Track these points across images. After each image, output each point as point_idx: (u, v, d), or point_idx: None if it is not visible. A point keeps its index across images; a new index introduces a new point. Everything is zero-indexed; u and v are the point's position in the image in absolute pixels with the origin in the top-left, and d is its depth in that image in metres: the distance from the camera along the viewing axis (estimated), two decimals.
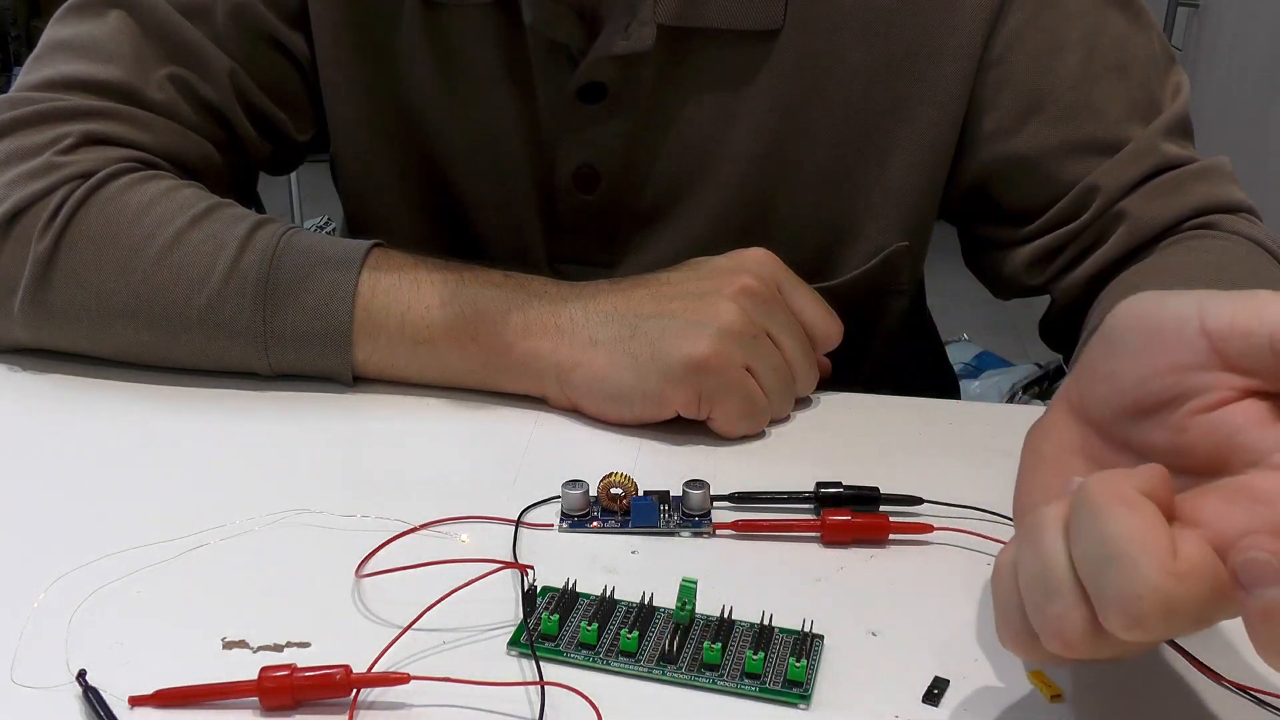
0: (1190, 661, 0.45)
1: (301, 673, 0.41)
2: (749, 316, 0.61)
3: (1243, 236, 0.68)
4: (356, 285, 0.62)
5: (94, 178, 0.65)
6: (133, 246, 0.63)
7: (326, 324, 0.62)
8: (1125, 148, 0.70)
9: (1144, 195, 0.70)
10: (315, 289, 0.62)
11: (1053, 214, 0.72)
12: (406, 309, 0.62)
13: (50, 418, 0.61)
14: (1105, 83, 0.71)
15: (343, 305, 0.62)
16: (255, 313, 0.62)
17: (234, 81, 0.71)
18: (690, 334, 0.60)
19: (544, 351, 0.62)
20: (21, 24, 3.85)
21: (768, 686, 0.43)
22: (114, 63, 0.68)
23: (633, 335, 0.61)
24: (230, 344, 0.63)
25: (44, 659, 0.43)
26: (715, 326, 0.60)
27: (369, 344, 0.63)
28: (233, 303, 0.62)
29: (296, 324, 0.62)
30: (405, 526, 0.51)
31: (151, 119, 0.69)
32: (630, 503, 0.53)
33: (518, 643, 0.44)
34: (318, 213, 3.29)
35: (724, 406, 0.60)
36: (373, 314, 0.62)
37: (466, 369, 0.63)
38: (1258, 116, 2.52)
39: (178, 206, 0.64)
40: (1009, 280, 0.76)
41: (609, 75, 0.70)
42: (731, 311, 0.60)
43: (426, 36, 0.73)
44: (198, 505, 0.53)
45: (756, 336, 0.61)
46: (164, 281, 0.63)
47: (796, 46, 0.70)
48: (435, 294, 0.63)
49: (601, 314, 0.62)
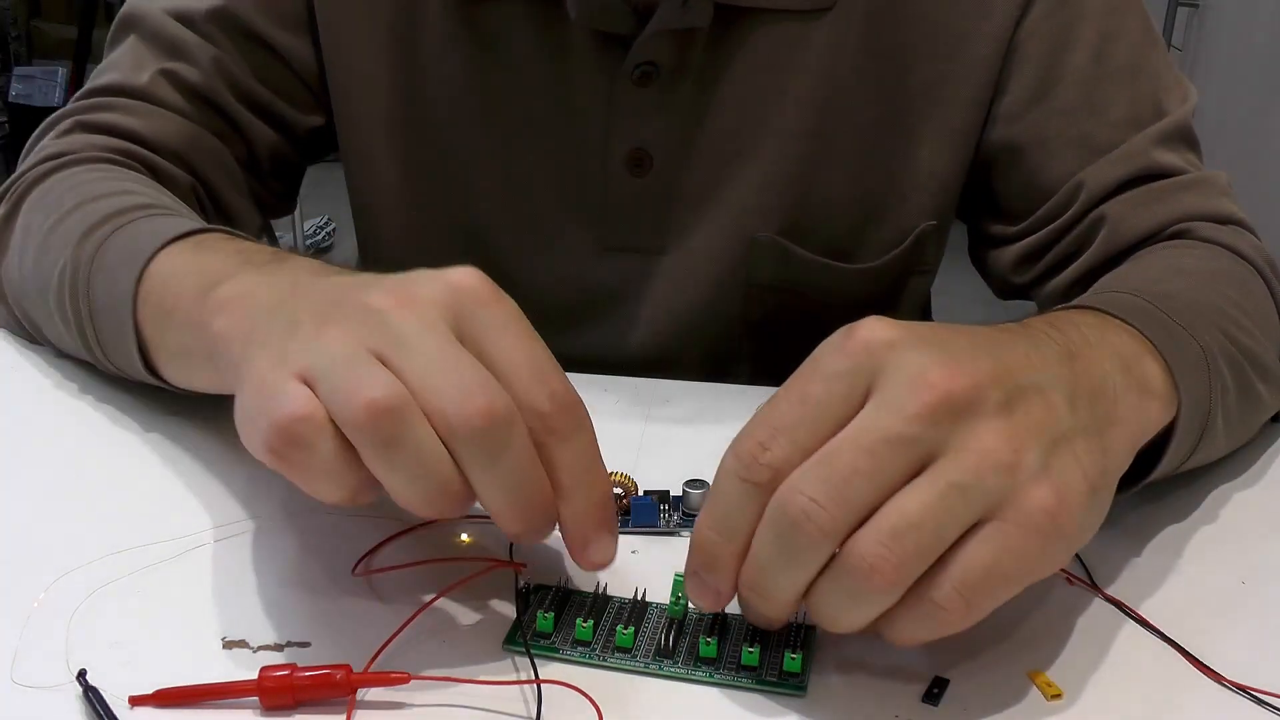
0: (1190, 661, 0.45)
1: (301, 672, 0.41)
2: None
3: (1216, 243, 0.68)
4: (148, 262, 0.56)
5: (64, 157, 0.69)
6: (45, 215, 0.64)
7: (113, 297, 0.57)
8: (1116, 149, 0.70)
9: (1127, 202, 0.70)
10: (111, 264, 0.58)
11: (1041, 212, 0.73)
12: (169, 279, 0.54)
13: (50, 417, 0.61)
14: (1112, 84, 0.71)
15: (128, 275, 0.56)
16: (75, 299, 0.60)
17: (219, 67, 0.73)
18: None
19: (224, 331, 0.48)
20: (22, 24, 3.84)
21: (764, 679, 0.43)
22: (115, 70, 0.74)
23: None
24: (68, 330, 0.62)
25: (44, 659, 0.43)
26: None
27: (142, 309, 0.55)
28: (63, 294, 0.61)
29: (105, 296, 0.57)
30: (404, 526, 0.51)
31: (139, 105, 0.73)
32: (630, 503, 0.53)
33: (513, 641, 0.44)
34: (318, 212, 3.29)
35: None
36: (151, 280, 0.55)
37: (204, 352, 0.50)
38: (1258, 116, 2.52)
39: (88, 190, 0.64)
40: (1001, 278, 0.78)
41: (663, 55, 0.71)
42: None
43: (461, 28, 0.73)
44: (198, 505, 0.53)
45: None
46: (42, 263, 0.63)
47: (841, 26, 0.71)
48: (199, 264, 0.54)
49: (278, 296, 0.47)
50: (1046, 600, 0.49)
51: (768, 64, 0.72)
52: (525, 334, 0.43)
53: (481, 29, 0.73)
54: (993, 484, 0.39)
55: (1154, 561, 0.52)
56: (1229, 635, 0.48)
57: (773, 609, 0.42)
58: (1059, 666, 0.45)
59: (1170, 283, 0.61)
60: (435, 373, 0.40)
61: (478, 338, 0.42)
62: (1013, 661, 0.45)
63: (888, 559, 0.38)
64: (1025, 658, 0.45)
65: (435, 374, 0.40)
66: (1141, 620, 0.48)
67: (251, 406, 0.42)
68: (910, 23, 0.72)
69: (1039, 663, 0.45)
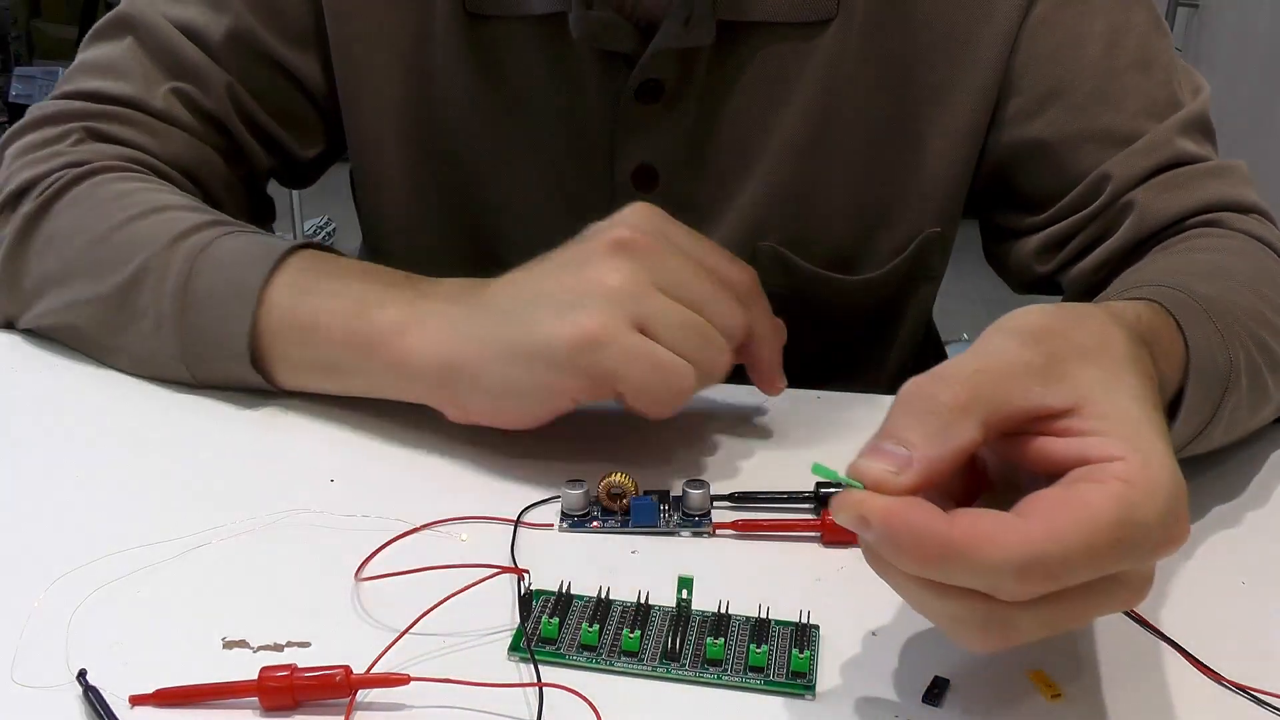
0: (1190, 661, 0.45)
1: (302, 673, 0.41)
2: (628, 274, 0.53)
3: (1249, 235, 0.68)
4: (270, 273, 0.60)
5: (87, 165, 0.68)
6: (101, 217, 0.65)
7: (233, 287, 0.60)
8: (1140, 140, 0.70)
9: (1154, 188, 0.70)
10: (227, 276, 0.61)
11: (1065, 202, 0.73)
12: (302, 293, 0.59)
13: (50, 417, 0.61)
14: (1126, 76, 0.71)
15: (249, 282, 0.60)
16: (171, 300, 0.61)
17: (231, 94, 0.73)
18: (565, 311, 0.53)
19: (416, 350, 0.56)
20: (22, 24, 3.85)
21: (772, 679, 0.43)
22: (123, 79, 0.73)
23: (509, 322, 0.54)
24: (139, 327, 0.62)
25: (44, 659, 0.43)
26: (592, 296, 0.53)
27: (264, 316, 0.59)
28: (150, 292, 0.62)
29: (212, 288, 0.60)
30: (405, 526, 0.51)
31: (154, 124, 0.72)
32: (630, 503, 0.53)
33: (518, 648, 0.44)
34: (318, 213, 3.29)
35: (630, 382, 0.53)
36: (275, 290, 0.60)
37: (350, 365, 0.59)
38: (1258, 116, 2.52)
39: (149, 198, 0.66)
40: (1021, 269, 0.77)
41: (667, 72, 0.71)
42: (608, 275, 0.53)
43: (468, 49, 0.73)
44: (198, 505, 0.53)
45: (643, 293, 0.53)
46: (104, 254, 0.64)
47: (842, 36, 0.71)
48: (331, 284, 0.60)
49: (482, 306, 0.56)
50: None
51: (771, 76, 0.72)
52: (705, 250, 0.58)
53: (488, 48, 0.73)
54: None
55: None
56: (1229, 635, 0.48)
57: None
58: (1059, 666, 0.45)
59: (1212, 282, 0.60)
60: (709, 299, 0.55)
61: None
62: (1013, 661, 0.45)
63: None
64: (1025, 658, 0.45)
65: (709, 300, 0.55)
66: (1141, 620, 0.48)
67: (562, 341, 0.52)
68: (911, 29, 0.71)
69: (1039, 663, 0.45)
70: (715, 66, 0.71)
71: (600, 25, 0.69)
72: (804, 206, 0.75)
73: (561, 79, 0.73)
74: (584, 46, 0.71)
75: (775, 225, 0.75)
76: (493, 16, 0.72)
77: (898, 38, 0.72)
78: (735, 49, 0.71)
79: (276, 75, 0.75)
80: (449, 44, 0.73)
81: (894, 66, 0.72)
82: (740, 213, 0.75)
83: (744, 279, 0.58)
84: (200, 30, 0.73)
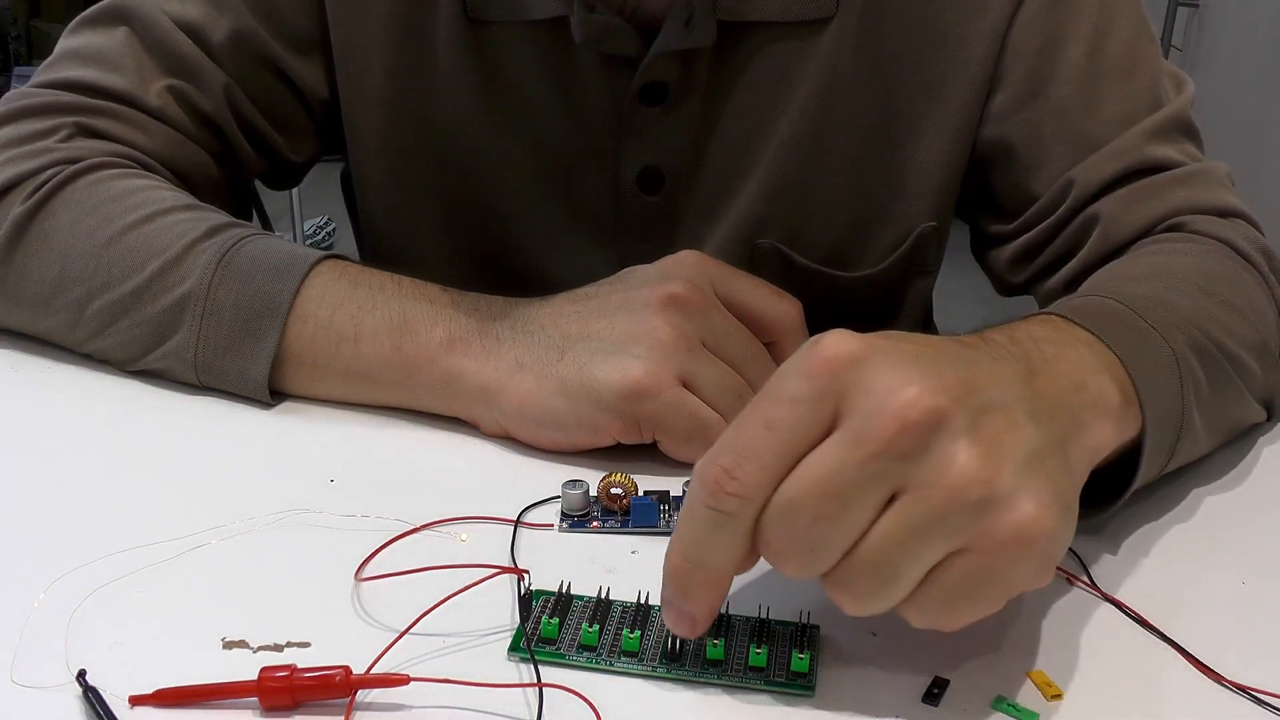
0: (1190, 661, 0.45)
1: (301, 673, 0.41)
2: (680, 330, 0.57)
3: (1210, 237, 0.68)
4: (303, 278, 0.61)
5: (82, 163, 0.67)
6: (105, 219, 0.64)
7: (263, 302, 0.60)
8: (1108, 145, 0.70)
9: (1120, 199, 0.70)
10: (260, 273, 0.61)
11: (1034, 209, 0.73)
12: (338, 305, 0.60)
13: (50, 417, 0.61)
14: (1107, 81, 0.71)
15: (286, 286, 0.60)
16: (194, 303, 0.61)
17: (229, 96, 0.73)
18: (618, 359, 0.56)
19: (467, 371, 0.59)
20: (21, 24, 3.85)
21: (772, 680, 0.43)
22: (117, 72, 0.71)
23: (560, 358, 0.57)
24: (154, 329, 0.62)
25: (44, 659, 0.43)
26: (644, 346, 0.56)
27: (297, 325, 0.60)
28: (168, 299, 0.61)
29: (238, 299, 0.61)
30: (405, 526, 0.51)
31: (148, 121, 0.71)
32: (630, 503, 0.53)
33: (518, 648, 0.44)
34: (318, 213, 3.28)
35: (669, 432, 0.56)
36: (306, 302, 0.60)
37: (390, 379, 0.60)
38: (1258, 116, 2.52)
39: (153, 198, 0.65)
40: (999, 277, 0.78)
41: (669, 74, 0.71)
42: (660, 328, 0.56)
43: (469, 54, 0.73)
44: (198, 505, 0.53)
45: (691, 349, 0.57)
46: (114, 257, 0.63)
47: (842, 33, 0.71)
48: (369, 297, 0.61)
49: (529, 333, 0.59)
50: (1046, 600, 0.49)
51: (772, 76, 0.72)
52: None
53: (490, 53, 0.73)
54: (965, 518, 0.39)
55: (1154, 561, 0.52)
56: (1229, 635, 0.48)
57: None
58: (1059, 666, 0.45)
59: (1148, 282, 0.61)
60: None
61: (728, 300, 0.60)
62: (1013, 661, 0.45)
63: (865, 594, 0.40)
64: (1025, 658, 0.45)
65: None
66: (1141, 620, 0.48)
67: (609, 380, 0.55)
68: (906, 25, 0.72)
69: (1039, 663, 0.45)
70: (717, 67, 0.72)
71: (602, 29, 0.69)
72: (803, 203, 0.75)
73: (564, 83, 0.73)
74: (586, 50, 0.71)
75: (774, 223, 0.75)
76: (494, 22, 0.72)
77: (894, 34, 0.72)
78: (736, 49, 0.71)
79: (275, 79, 0.74)
80: (450, 50, 0.73)
81: (888, 64, 0.72)
82: (740, 211, 0.75)
83: (789, 313, 0.62)
84: (201, 29, 0.72)
